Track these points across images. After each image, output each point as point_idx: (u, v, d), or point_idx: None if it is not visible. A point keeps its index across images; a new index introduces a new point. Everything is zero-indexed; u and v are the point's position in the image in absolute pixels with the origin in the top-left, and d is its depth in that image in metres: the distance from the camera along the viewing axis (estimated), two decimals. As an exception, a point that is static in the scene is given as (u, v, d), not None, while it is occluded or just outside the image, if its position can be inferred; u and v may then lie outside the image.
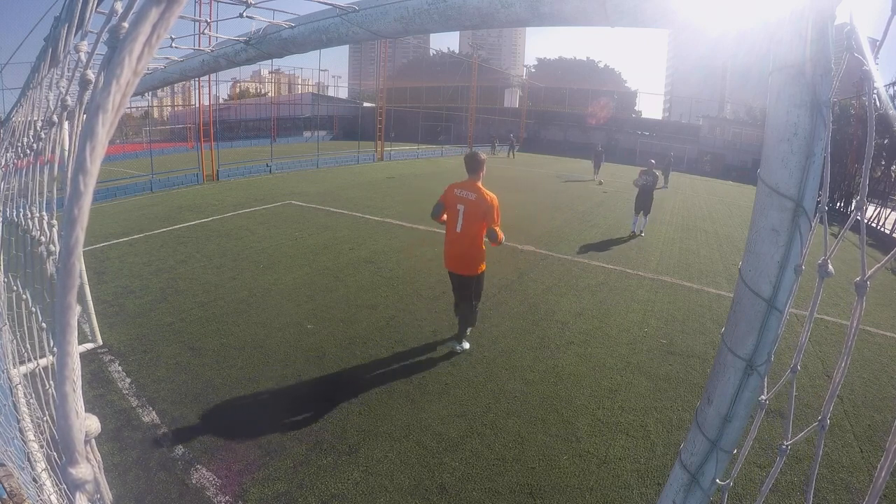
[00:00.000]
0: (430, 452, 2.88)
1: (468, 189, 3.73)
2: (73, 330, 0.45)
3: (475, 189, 3.70)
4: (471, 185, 3.73)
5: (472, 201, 3.68)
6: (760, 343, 0.67)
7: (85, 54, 0.93)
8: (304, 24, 1.47)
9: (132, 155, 21.61)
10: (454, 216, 3.76)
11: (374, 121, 25.43)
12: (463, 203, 3.71)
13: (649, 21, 0.84)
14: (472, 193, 3.70)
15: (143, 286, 5.34)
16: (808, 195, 0.61)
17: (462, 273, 3.86)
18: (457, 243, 3.79)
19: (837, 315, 5.63)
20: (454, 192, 3.78)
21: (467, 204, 3.69)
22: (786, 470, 2.87)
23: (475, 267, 3.83)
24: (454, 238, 3.80)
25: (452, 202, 3.78)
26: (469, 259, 3.80)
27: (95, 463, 0.52)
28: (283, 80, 65.72)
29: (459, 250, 3.79)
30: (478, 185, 3.72)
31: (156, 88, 3.05)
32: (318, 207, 10.26)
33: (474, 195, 3.68)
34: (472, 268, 3.83)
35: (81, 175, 0.39)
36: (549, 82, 53.22)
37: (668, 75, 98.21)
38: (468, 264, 3.82)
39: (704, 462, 0.75)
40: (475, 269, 3.84)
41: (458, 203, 3.74)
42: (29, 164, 1.71)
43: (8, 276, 2.07)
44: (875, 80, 0.60)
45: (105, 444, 2.78)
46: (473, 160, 3.77)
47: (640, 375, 3.91)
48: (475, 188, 3.71)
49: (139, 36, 0.38)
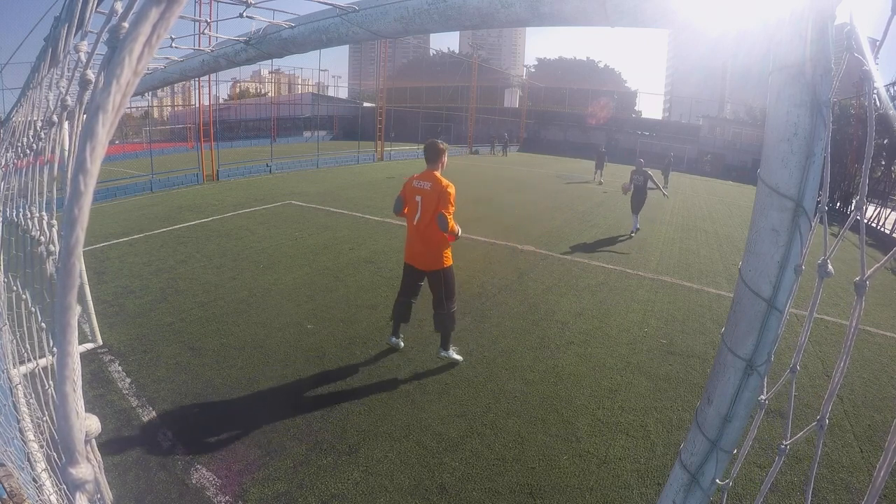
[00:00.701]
0: (430, 452, 2.88)
1: (425, 179, 3.60)
2: (73, 330, 0.45)
3: (431, 178, 3.58)
4: (428, 174, 3.61)
5: (427, 191, 3.56)
6: (760, 343, 0.67)
7: (85, 54, 0.93)
8: (304, 24, 1.47)
9: (132, 155, 21.62)
10: (413, 208, 3.65)
11: (374, 121, 25.43)
12: (420, 193, 3.59)
13: (649, 21, 0.84)
14: (428, 182, 3.57)
15: (143, 286, 5.34)
16: (808, 195, 0.61)
17: (425, 268, 3.70)
18: (416, 236, 3.66)
19: (837, 315, 5.63)
20: (412, 184, 3.66)
21: (423, 194, 3.57)
22: (786, 470, 2.87)
23: (438, 260, 3.64)
24: (414, 231, 3.68)
25: (411, 194, 3.67)
26: (430, 253, 3.65)
27: (95, 463, 0.52)
28: (283, 80, 65.74)
29: (420, 243, 3.66)
30: (435, 174, 3.59)
31: (156, 88, 3.05)
32: (318, 207, 10.25)
33: (429, 184, 3.56)
34: (435, 262, 3.64)
35: (81, 175, 0.39)
36: (549, 82, 53.23)
37: (668, 75, 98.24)
38: (430, 258, 3.66)
39: (704, 462, 0.75)
40: (438, 262, 3.64)
41: (416, 194, 3.62)
42: (29, 164, 1.71)
43: (8, 276, 2.07)
44: (875, 80, 0.60)
45: (105, 444, 2.78)
46: (432, 149, 3.64)
47: (640, 375, 3.91)
48: (432, 177, 3.58)
49: (139, 36, 0.38)
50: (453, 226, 3.49)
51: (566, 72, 65.43)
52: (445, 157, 3.69)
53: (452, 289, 3.73)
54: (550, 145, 38.79)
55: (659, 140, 35.77)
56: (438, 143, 3.67)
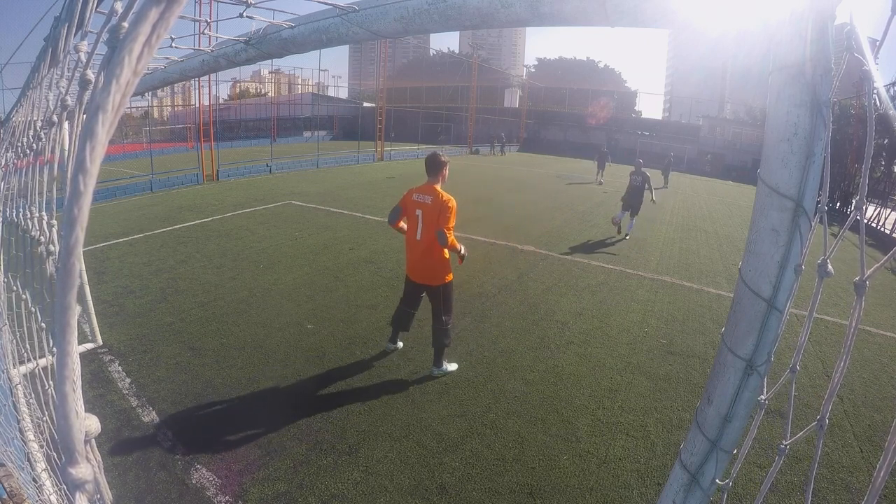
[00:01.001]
0: (430, 452, 2.88)
1: (426, 193, 3.51)
2: (72, 330, 0.45)
3: (432, 192, 3.49)
4: (429, 188, 3.52)
5: (428, 205, 3.47)
6: (760, 343, 0.67)
7: (85, 54, 0.93)
8: (304, 24, 1.47)
9: (132, 155, 21.59)
10: (414, 223, 3.57)
11: (374, 121, 25.42)
12: (421, 208, 3.50)
13: (649, 21, 0.84)
14: (429, 196, 3.48)
15: (143, 286, 5.34)
16: (808, 195, 0.61)
17: (425, 283, 3.64)
18: (417, 251, 3.58)
19: (837, 315, 5.63)
20: (412, 198, 3.57)
21: (424, 208, 3.48)
22: (786, 470, 2.87)
23: (437, 276, 3.59)
24: (414, 246, 3.59)
25: (411, 208, 3.59)
26: (431, 268, 3.58)
27: (95, 463, 0.52)
28: (283, 80, 65.71)
29: (420, 259, 3.58)
30: (435, 188, 3.50)
31: (156, 88, 3.05)
32: (318, 207, 10.26)
33: (430, 198, 3.47)
34: (437, 277, 3.59)
35: (81, 175, 0.39)
36: (549, 82, 53.21)
37: (668, 75, 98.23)
38: (430, 273, 3.59)
39: (704, 462, 0.75)
40: (440, 278, 3.59)
41: (417, 208, 3.53)
42: (29, 164, 1.71)
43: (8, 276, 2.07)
44: (875, 80, 0.60)
45: (105, 444, 2.78)
46: (433, 162, 3.54)
47: (640, 375, 3.91)
48: (432, 191, 3.49)
49: (139, 36, 0.38)
50: (454, 242, 3.44)
51: (566, 72, 65.42)
52: (447, 171, 3.60)
53: (450, 305, 3.68)
54: (550, 145, 38.78)
55: (659, 140, 35.76)
56: (440, 156, 3.58)
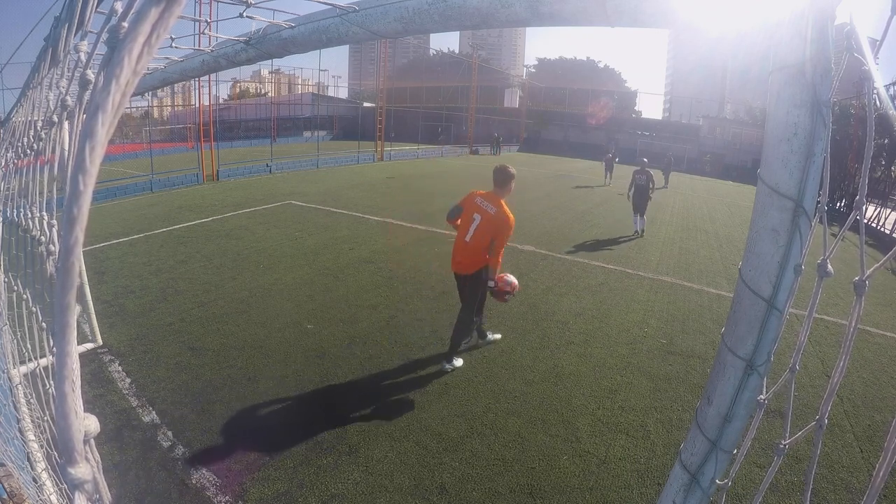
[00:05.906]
0: (430, 452, 2.88)
1: (490, 202, 3.60)
2: (72, 330, 0.45)
3: (498, 204, 3.57)
4: (495, 198, 3.62)
5: (490, 215, 3.56)
6: (760, 343, 0.67)
7: (85, 54, 0.93)
8: (304, 24, 1.47)
9: (132, 155, 21.60)
10: (467, 224, 3.65)
11: (374, 121, 25.41)
12: (480, 213, 3.58)
13: (649, 21, 0.84)
14: (494, 207, 3.57)
15: (143, 286, 5.34)
16: (808, 195, 0.61)
17: (461, 272, 3.77)
18: (461, 251, 3.69)
19: (837, 315, 5.63)
20: (475, 201, 3.66)
21: (485, 216, 3.57)
22: (786, 470, 2.87)
23: (474, 267, 3.70)
24: (462, 246, 3.69)
25: (470, 209, 3.67)
26: (469, 260, 3.70)
27: (94, 463, 0.52)
28: (283, 80, 65.69)
29: (461, 252, 3.70)
30: (501, 201, 3.59)
31: (156, 88, 3.05)
32: (318, 207, 10.25)
33: (495, 209, 3.55)
34: (471, 267, 3.71)
35: (81, 175, 0.39)
36: (549, 82, 53.17)
37: (668, 75, 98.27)
38: (468, 262, 3.71)
39: (704, 462, 0.75)
40: (474, 267, 3.70)
41: (476, 212, 3.61)
42: (29, 164, 1.71)
43: (8, 276, 2.07)
44: (875, 80, 0.60)
45: (105, 444, 2.78)
46: (503, 174, 3.63)
47: (640, 375, 3.91)
48: (498, 203, 3.58)
49: (139, 36, 0.38)
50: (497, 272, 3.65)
51: (566, 72, 65.36)
52: (513, 185, 3.71)
53: (476, 299, 3.77)
54: (550, 145, 38.79)
55: (659, 140, 35.76)
56: (509, 168, 3.67)
